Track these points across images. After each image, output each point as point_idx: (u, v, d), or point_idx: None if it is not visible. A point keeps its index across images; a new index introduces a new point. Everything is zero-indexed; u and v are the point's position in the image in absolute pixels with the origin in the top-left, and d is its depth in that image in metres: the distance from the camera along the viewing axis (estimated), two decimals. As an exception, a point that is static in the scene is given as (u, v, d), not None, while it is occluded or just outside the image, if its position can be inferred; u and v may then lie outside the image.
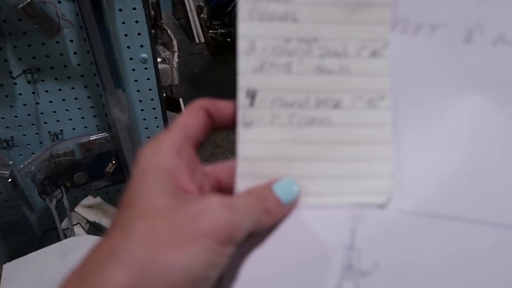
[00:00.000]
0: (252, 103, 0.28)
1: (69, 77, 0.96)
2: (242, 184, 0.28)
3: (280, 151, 0.28)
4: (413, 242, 0.27)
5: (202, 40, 2.76)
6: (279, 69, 0.28)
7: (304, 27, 0.27)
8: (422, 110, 0.28)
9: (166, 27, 1.25)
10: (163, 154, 0.26)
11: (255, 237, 0.27)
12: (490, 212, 0.27)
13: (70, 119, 1.01)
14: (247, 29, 0.27)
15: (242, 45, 0.28)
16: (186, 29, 2.87)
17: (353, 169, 0.28)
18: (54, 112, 0.99)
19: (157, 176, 0.25)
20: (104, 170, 1.05)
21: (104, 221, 1.09)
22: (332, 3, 0.27)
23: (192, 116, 0.28)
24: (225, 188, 0.29)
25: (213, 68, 2.56)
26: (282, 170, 0.28)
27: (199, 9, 2.79)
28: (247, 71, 0.28)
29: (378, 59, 0.28)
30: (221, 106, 0.29)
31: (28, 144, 1.02)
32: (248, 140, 0.28)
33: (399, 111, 0.28)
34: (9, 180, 0.93)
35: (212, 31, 2.66)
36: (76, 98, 0.99)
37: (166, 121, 1.07)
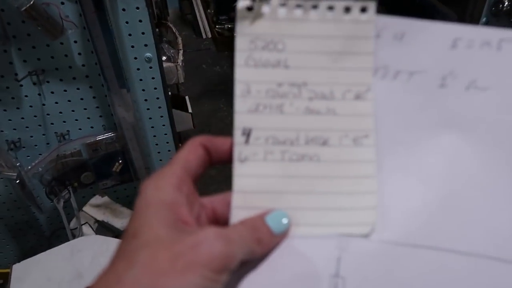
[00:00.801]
0: (247, 141, 0.30)
1: (74, 78, 0.96)
2: (236, 215, 0.30)
3: (272, 184, 0.30)
4: (394, 270, 0.29)
5: (209, 35, 2.76)
6: (272, 110, 0.30)
7: (295, 73, 0.30)
8: (402, 148, 0.31)
9: (171, 25, 1.24)
10: (164, 188, 0.28)
11: (248, 265, 0.29)
12: (465, 242, 0.30)
13: (76, 120, 1.02)
14: (243, 74, 0.30)
15: (238, 88, 0.30)
16: (193, 25, 2.86)
17: (340, 202, 0.30)
18: (60, 113, 1.00)
19: (159, 209, 0.27)
20: (111, 170, 1.05)
21: (112, 220, 1.09)
22: (319, 52, 0.30)
23: (191, 152, 0.30)
24: (220, 219, 0.31)
25: (220, 63, 2.56)
26: (274, 202, 0.30)
27: (205, 4, 2.78)
28: (243, 111, 0.30)
29: (362, 102, 0.31)
30: (218, 142, 0.31)
31: (35, 145, 1.03)
32: (243, 175, 0.30)
33: (382, 148, 0.31)
34: (17, 181, 0.93)
35: (219, 26, 2.65)
36: (81, 99, 0.99)
37: (172, 120, 1.07)
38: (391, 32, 0.30)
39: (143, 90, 1.00)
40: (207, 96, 2.29)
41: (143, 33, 0.91)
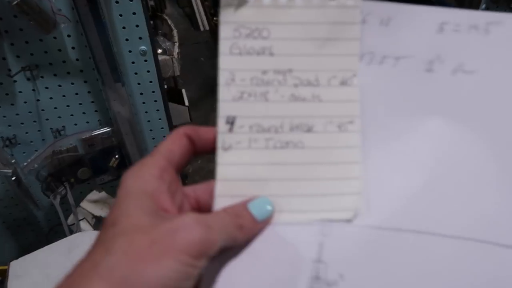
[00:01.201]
0: (231, 129, 0.30)
1: (68, 73, 0.95)
2: (219, 203, 0.30)
3: (256, 172, 0.30)
4: (377, 254, 0.29)
5: (207, 27, 2.74)
6: (257, 98, 0.30)
7: (280, 60, 0.30)
8: (388, 133, 0.31)
9: (166, 17, 1.23)
10: (145, 177, 0.28)
11: (230, 251, 0.28)
12: (450, 226, 0.29)
13: (72, 115, 1.01)
14: (227, 62, 0.30)
15: (222, 76, 0.30)
16: (190, 18, 2.84)
17: (324, 188, 0.30)
18: (55, 108, 0.99)
19: (139, 198, 0.27)
20: (108, 165, 1.05)
21: (111, 216, 1.09)
22: (304, 39, 0.30)
23: (174, 142, 0.30)
24: (204, 208, 0.31)
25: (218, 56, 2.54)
26: (258, 190, 0.30)
27: (202, -3, 2.75)
28: (227, 100, 0.30)
29: (347, 88, 0.30)
30: (202, 132, 0.31)
31: (31, 142, 1.02)
32: (227, 163, 0.30)
33: (367, 134, 0.31)
34: (13, 178, 0.93)
35: (216, 18, 2.63)
36: (76, 94, 0.98)
37: (168, 113, 1.06)
38: (377, 17, 0.30)
39: (139, 83, 0.98)
40: (205, 90, 2.28)
41: (137, 26, 0.90)
